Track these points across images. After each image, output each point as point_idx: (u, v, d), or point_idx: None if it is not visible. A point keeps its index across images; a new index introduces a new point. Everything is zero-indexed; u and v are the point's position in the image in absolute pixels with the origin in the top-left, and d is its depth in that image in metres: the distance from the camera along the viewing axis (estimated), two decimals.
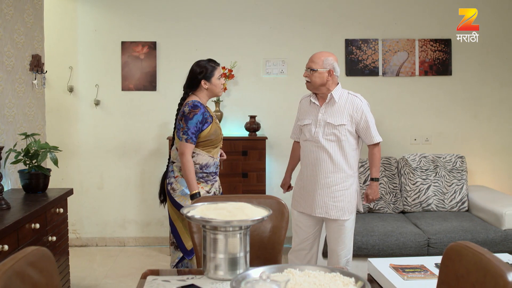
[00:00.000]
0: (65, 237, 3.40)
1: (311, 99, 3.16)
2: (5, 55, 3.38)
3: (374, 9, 4.95)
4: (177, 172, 3.12)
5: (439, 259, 1.99)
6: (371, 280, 3.08)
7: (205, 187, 3.09)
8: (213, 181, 3.15)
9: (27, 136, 3.37)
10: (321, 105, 3.10)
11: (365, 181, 4.42)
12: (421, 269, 2.94)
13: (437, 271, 2.71)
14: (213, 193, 3.14)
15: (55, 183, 4.35)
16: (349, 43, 4.93)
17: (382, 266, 3.02)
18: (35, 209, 2.81)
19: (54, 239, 3.10)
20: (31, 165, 3.28)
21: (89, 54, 4.88)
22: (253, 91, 4.94)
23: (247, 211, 1.84)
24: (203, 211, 1.87)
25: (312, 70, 3.04)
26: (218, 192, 3.22)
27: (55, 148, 3.41)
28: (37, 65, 3.79)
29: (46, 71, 3.99)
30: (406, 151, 4.89)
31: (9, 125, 3.41)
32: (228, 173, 4.48)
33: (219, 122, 4.67)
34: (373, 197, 3.18)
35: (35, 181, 3.26)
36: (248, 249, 1.86)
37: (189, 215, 1.82)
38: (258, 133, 4.76)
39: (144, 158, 4.95)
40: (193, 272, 1.95)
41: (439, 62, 4.96)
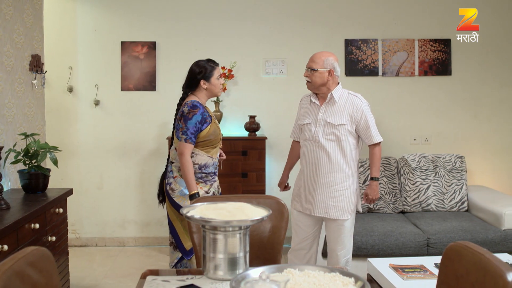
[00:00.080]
0: (64, 237, 3.39)
1: (311, 98, 3.16)
2: (4, 55, 3.38)
3: (373, 9, 4.95)
4: (176, 172, 3.12)
5: (438, 259, 1.99)
6: (371, 280, 3.08)
7: (204, 187, 3.09)
8: (212, 181, 3.15)
9: (26, 136, 3.37)
10: (321, 105, 3.11)
11: (365, 181, 4.42)
12: (421, 269, 2.94)
13: (436, 271, 2.71)
14: (212, 193, 3.14)
15: (55, 183, 4.35)
16: (348, 43, 4.93)
17: (381, 266, 3.02)
18: (35, 209, 2.81)
19: (53, 239, 3.09)
20: (30, 165, 3.28)
21: (89, 54, 4.87)
22: (253, 91, 4.94)
23: (246, 211, 1.84)
24: (202, 211, 1.87)
25: (312, 70, 3.04)
26: (217, 192, 3.22)
27: (55, 148, 3.41)
28: (36, 65, 3.79)
29: (45, 71, 3.99)
30: (405, 151, 4.89)
31: (8, 125, 3.41)
32: (227, 173, 4.48)
33: (218, 122, 4.68)
34: (373, 197, 3.15)
35: (35, 181, 3.25)
36: (247, 249, 1.86)
37: (189, 215, 1.82)
38: (257, 133, 4.76)
39: (143, 158, 4.95)
40: (192, 272, 1.95)
41: (438, 62, 4.96)
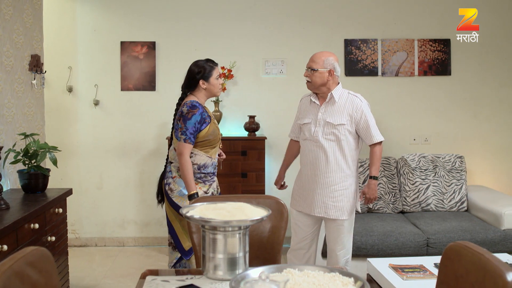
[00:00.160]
0: (64, 237, 3.39)
1: (311, 98, 3.16)
2: (4, 55, 3.37)
3: (373, 9, 4.95)
4: (175, 172, 3.12)
5: (438, 259, 1.99)
6: (370, 280, 3.08)
7: (203, 188, 3.09)
8: (211, 182, 3.14)
9: (26, 136, 3.36)
10: (321, 105, 3.10)
11: (365, 181, 4.42)
12: (420, 269, 2.94)
13: (436, 271, 2.71)
14: (211, 194, 3.14)
15: (54, 183, 4.35)
16: (348, 43, 4.93)
17: (381, 266, 3.02)
18: (34, 209, 2.81)
19: (53, 239, 3.09)
20: (30, 165, 3.28)
21: (89, 54, 4.87)
22: (253, 91, 4.94)
23: (246, 211, 1.84)
24: (202, 211, 1.87)
25: (312, 70, 3.04)
26: (216, 192, 3.21)
27: (54, 148, 3.41)
28: (36, 65, 3.79)
29: (45, 71, 3.99)
30: (405, 151, 4.89)
31: (8, 125, 3.41)
32: (227, 173, 4.48)
33: (218, 122, 4.68)
34: (370, 196, 3.09)
35: (34, 181, 3.25)
36: (247, 249, 1.86)
37: (189, 215, 1.82)
38: (257, 133, 4.76)
39: (143, 158, 4.95)
40: (192, 272, 1.95)
41: (438, 62, 4.96)
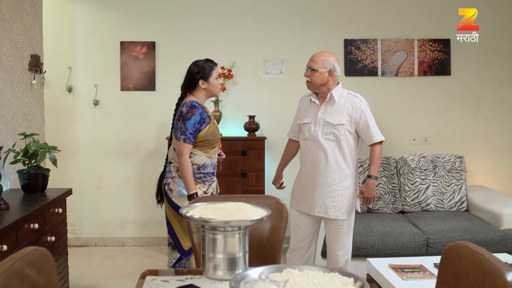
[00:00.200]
0: (64, 237, 3.39)
1: (311, 98, 3.16)
2: (4, 55, 3.37)
3: (373, 9, 4.95)
4: (175, 172, 3.12)
5: (438, 259, 1.99)
6: (370, 280, 3.08)
7: (203, 188, 3.09)
8: (210, 182, 3.14)
9: (26, 136, 3.36)
10: (321, 104, 3.11)
11: (364, 181, 4.42)
12: (420, 269, 2.94)
13: (436, 271, 2.71)
14: (211, 194, 3.14)
15: (54, 183, 4.35)
16: (348, 43, 4.93)
17: (381, 266, 3.02)
18: (34, 209, 2.81)
19: (53, 239, 3.09)
20: (30, 165, 3.28)
21: (88, 54, 4.87)
22: (252, 91, 4.94)
23: (246, 211, 1.84)
24: (202, 211, 1.87)
25: (312, 70, 3.04)
26: (215, 192, 3.21)
27: (54, 148, 3.41)
28: (36, 65, 3.79)
29: (45, 71, 3.98)
30: (405, 151, 4.89)
31: (8, 125, 3.41)
32: (227, 173, 4.48)
33: (218, 122, 4.68)
34: (368, 195, 3.07)
35: (34, 181, 3.25)
36: (247, 249, 1.86)
37: (188, 215, 1.82)
38: (257, 133, 4.76)
39: (143, 158, 4.95)
40: (192, 272, 1.95)
41: (438, 62, 4.96)
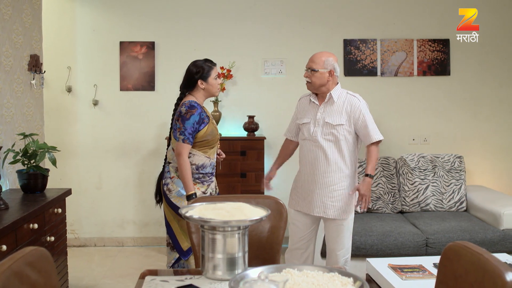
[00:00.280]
0: (63, 237, 3.39)
1: (310, 98, 3.16)
2: (3, 55, 3.37)
3: (372, 9, 4.96)
4: (173, 172, 3.12)
5: (437, 259, 1.99)
6: (370, 280, 3.08)
7: (201, 188, 3.09)
8: (209, 182, 3.14)
9: (25, 136, 3.36)
10: (320, 105, 3.11)
11: None
12: (420, 269, 2.94)
13: (435, 271, 2.71)
14: (209, 194, 3.13)
15: (54, 183, 4.34)
16: (347, 43, 4.93)
17: (380, 266, 3.02)
18: (34, 209, 2.81)
19: (52, 239, 3.09)
20: (29, 165, 3.27)
21: (88, 54, 4.87)
22: (252, 91, 4.94)
23: (245, 211, 1.84)
24: (201, 211, 1.87)
25: (313, 70, 3.03)
26: (214, 192, 3.21)
27: (54, 148, 3.40)
28: (35, 65, 3.79)
29: (44, 71, 3.98)
30: (404, 151, 4.89)
31: (7, 125, 3.41)
32: (226, 173, 4.48)
33: (217, 122, 4.68)
34: (364, 192, 3.02)
35: (34, 181, 3.25)
36: (246, 249, 1.86)
37: (188, 215, 1.82)
38: (256, 133, 4.76)
39: (142, 158, 4.95)
40: (191, 272, 1.95)
41: (437, 62, 4.96)
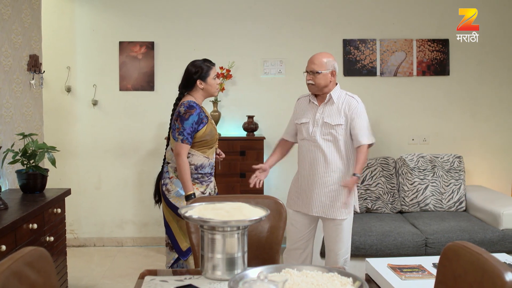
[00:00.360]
0: (62, 237, 3.39)
1: (310, 98, 3.16)
2: (2, 55, 3.37)
3: (372, 9, 4.96)
4: (172, 173, 3.11)
5: (436, 259, 1.99)
6: (369, 280, 3.08)
7: (200, 188, 3.08)
8: (208, 182, 3.14)
9: (24, 136, 3.36)
10: (320, 105, 3.11)
11: (363, 181, 4.42)
12: (419, 269, 2.94)
13: (434, 271, 2.71)
14: (208, 194, 3.13)
15: (53, 183, 4.34)
16: (347, 43, 4.93)
17: (380, 266, 3.02)
18: (33, 209, 2.81)
19: (51, 239, 3.09)
20: (28, 165, 3.27)
21: (87, 54, 4.87)
22: (251, 91, 4.94)
23: (245, 211, 1.84)
24: (201, 211, 1.87)
25: (316, 72, 3.04)
26: (213, 192, 3.20)
27: (53, 148, 3.40)
28: (34, 65, 3.79)
29: (43, 71, 3.98)
30: (404, 151, 4.89)
31: (6, 125, 3.40)
32: (225, 173, 4.48)
33: (216, 122, 4.68)
34: (347, 185, 2.94)
35: (33, 181, 3.25)
36: (246, 249, 1.86)
37: (187, 215, 1.82)
38: (256, 133, 4.76)
39: (142, 158, 4.95)
40: (191, 272, 1.95)
41: (436, 62, 4.97)
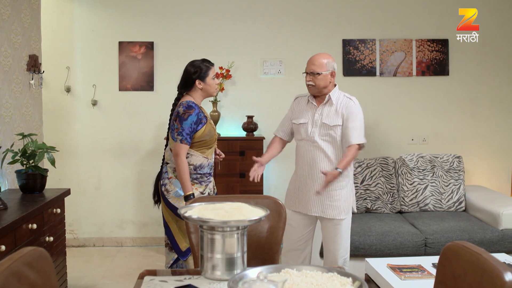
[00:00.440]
0: (62, 237, 3.39)
1: (308, 98, 3.16)
2: (2, 55, 3.37)
3: (371, 9, 4.96)
4: (171, 173, 3.11)
5: (436, 259, 1.99)
6: (369, 280, 3.08)
7: (199, 188, 3.08)
8: (207, 182, 3.13)
9: (24, 136, 3.36)
10: (318, 106, 3.11)
11: (363, 181, 4.42)
12: (419, 269, 2.94)
13: (434, 271, 2.72)
14: (207, 194, 3.12)
15: (52, 183, 4.34)
16: (346, 43, 4.93)
17: (379, 266, 3.02)
18: (32, 210, 2.81)
19: (51, 239, 3.09)
20: (28, 166, 3.27)
21: (86, 54, 4.87)
22: (251, 91, 4.94)
23: (244, 211, 1.84)
24: (200, 211, 1.87)
25: (317, 73, 3.04)
26: (212, 193, 3.20)
27: (52, 148, 3.40)
28: (34, 65, 3.79)
29: (43, 71, 3.98)
30: (403, 151, 4.89)
31: (6, 126, 3.40)
32: (225, 173, 4.48)
33: (216, 122, 4.68)
34: (327, 173, 2.92)
35: (32, 181, 3.25)
36: (245, 249, 1.86)
37: (187, 215, 1.82)
38: (255, 133, 4.76)
39: (141, 158, 4.95)
40: (190, 272, 1.95)
41: (436, 62, 4.97)
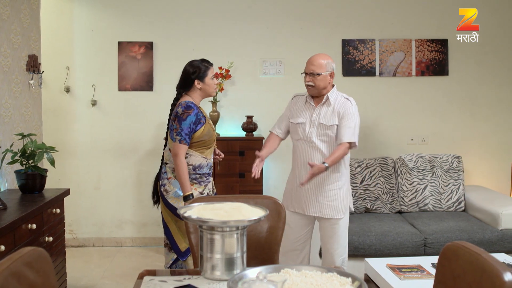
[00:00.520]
0: (61, 237, 3.39)
1: (307, 98, 3.17)
2: (1, 55, 3.37)
3: (371, 9, 4.96)
4: (170, 173, 3.11)
5: (435, 259, 2.00)
6: (368, 280, 3.09)
7: (198, 188, 3.08)
8: (206, 182, 3.13)
9: (23, 136, 3.36)
10: (316, 106, 3.12)
11: (362, 181, 4.42)
12: (418, 269, 2.94)
13: (433, 271, 2.72)
14: (207, 194, 3.12)
15: (52, 183, 4.34)
16: (346, 43, 4.93)
17: (379, 266, 3.02)
18: (32, 210, 2.80)
19: (50, 239, 3.09)
20: (27, 166, 3.27)
21: (86, 54, 4.87)
22: (250, 91, 4.94)
23: (244, 211, 1.84)
24: (200, 211, 1.87)
25: (316, 74, 3.04)
26: (211, 193, 3.20)
27: (52, 148, 3.40)
28: (33, 65, 3.79)
29: (42, 71, 3.98)
30: (403, 151, 4.90)
31: (5, 126, 3.40)
32: (225, 173, 4.48)
33: (216, 122, 4.68)
34: (314, 171, 2.87)
35: (32, 181, 3.25)
36: (245, 249, 1.86)
37: (186, 215, 1.82)
38: (255, 133, 4.76)
39: (141, 158, 4.95)
40: (190, 272, 1.95)
41: (435, 62, 4.97)
